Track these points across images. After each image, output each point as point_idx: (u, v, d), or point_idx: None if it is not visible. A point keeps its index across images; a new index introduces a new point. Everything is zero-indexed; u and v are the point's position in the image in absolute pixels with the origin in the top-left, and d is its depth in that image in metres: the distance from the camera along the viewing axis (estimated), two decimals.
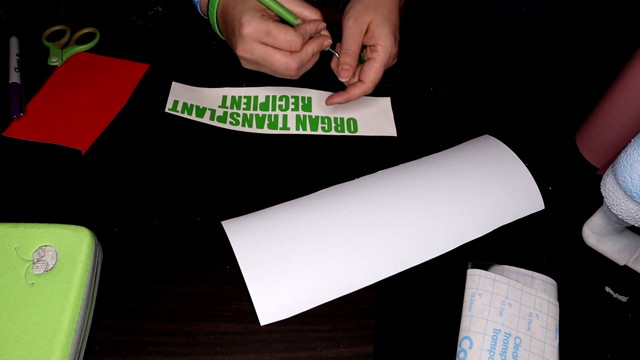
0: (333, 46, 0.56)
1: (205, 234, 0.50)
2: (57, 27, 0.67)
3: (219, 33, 0.58)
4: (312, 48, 0.54)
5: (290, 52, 0.52)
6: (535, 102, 0.65)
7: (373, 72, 0.55)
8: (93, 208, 0.51)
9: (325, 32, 0.56)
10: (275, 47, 0.52)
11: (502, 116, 0.63)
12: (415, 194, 0.52)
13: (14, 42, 0.64)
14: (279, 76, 0.55)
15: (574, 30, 0.80)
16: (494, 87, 0.66)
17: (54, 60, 0.63)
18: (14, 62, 0.62)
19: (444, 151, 0.58)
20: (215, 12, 0.55)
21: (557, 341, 0.44)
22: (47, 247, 0.43)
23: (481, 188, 0.53)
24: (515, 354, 0.42)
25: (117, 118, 0.59)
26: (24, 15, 0.72)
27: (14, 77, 0.60)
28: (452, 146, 0.58)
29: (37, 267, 0.42)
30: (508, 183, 0.54)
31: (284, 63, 0.52)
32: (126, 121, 0.59)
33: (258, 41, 0.51)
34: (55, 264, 0.42)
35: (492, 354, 0.42)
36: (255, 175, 0.55)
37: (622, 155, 0.43)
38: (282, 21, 0.53)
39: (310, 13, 0.55)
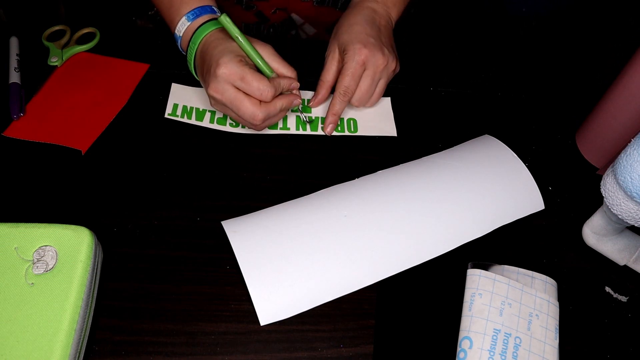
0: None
1: (205, 234, 0.50)
2: (57, 27, 0.67)
3: (192, 71, 0.58)
4: (282, 103, 0.54)
5: (260, 102, 0.52)
6: (535, 102, 0.65)
7: (341, 79, 0.57)
8: (93, 208, 0.51)
9: (296, 92, 0.57)
10: (246, 94, 0.52)
11: (502, 116, 0.63)
12: (415, 194, 0.52)
13: (14, 42, 0.64)
14: (242, 123, 0.55)
15: (574, 30, 0.80)
16: (494, 87, 0.66)
17: (54, 60, 0.63)
18: (14, 62, 0.62)
19: (444, 151, 0.58)
20: (195, 49, 0.55)
21: (557, 341, 0.44)
22: (47, 247, 0.43)
23: (481, 188, 0.53)
24: (515, 354, 0.42)
25: (117, 118, 0.59)
26: (24, 15, 0.72)
27: (14, 77, 0.60)
28: (452, 146, 0.58)
29: (37, 267, 0.42)
30: (508, 183, 0.54)
31: (251, 111, 0.52)
32: (126, 121, 0.59)
33: (231, 84, 0.51)
34: (55, 264, 0.42)
35: (492, 354, 0.42)
36: (255, 175, 0.55)
37: (622, 155, 0.43)
38: (259, 72, 0.54)
39: (287, 70, 0.56)
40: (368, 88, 0.58)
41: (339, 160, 0.57)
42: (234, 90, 0.52)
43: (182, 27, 0.56)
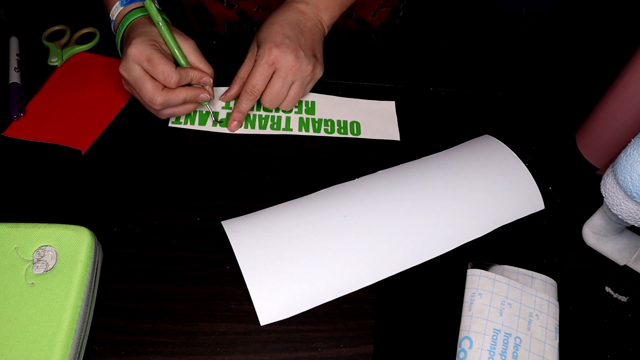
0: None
1: (205, 234, 0.50)
2: (57, 27, 0.67)
3: (120, 53, 0.58)
4: (186, 94, 0.54)
5: (163, 88, 0.52)
6: (535, 102, 0.65)
7: (249, 78, 0.56)
8: (93, 208, 0.51)
9: (209, 89, 0.56)
10: (151, 77, 0.52)
11: (502, 116, 0.63)
12: (415, 194, 0.52)
13: (14, 42, 0.64)
14: (144, 106, 0.55)
15: (573, 30, 0.80)
16: (494, 87, 0.66)
17: (54, 60, 0.63)
18: (14, 62, 0.62)
19: (444, 151, 0.58)
20: (122, 32, 0.56)
21: (557, 341, 0.44)
22: (47, 247, 0.43)
23: (481, 188, 0.53)
24: (515, 354, 0.42)
25: (118, 118, 0.59)
26: (24, 15, 0.72)
27: (14, 77, 0.60)
28: (452, 146, 0.58)
29: (37, 267, 0.42)
30: (508, 183, 0.54)
31: (150, 94, 0.52)
32: (126, 121, 0.59)
33: (138, 64, 0.52)
34: (55, 264, 0.42)
35: (492, 354, 0.42)
36: (255, 175, 0.55)
37: (622, 155, 0.43)
38: (174, 61, 0.54)
39: (203, 66, 0.56)
40: (278, 90, 0.56)
41: (339, 161, 0.57)
42: (140, 71, 0.52)
43: (116, 11, 0.57)
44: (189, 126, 0.59)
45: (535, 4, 0.88)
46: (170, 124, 0.59)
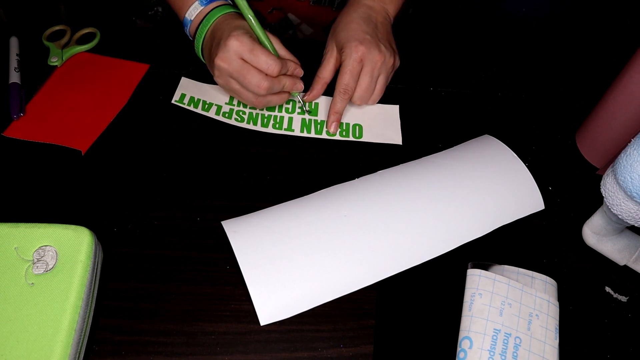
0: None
1: (205, 234, 0.50)
2: (57, 27, 0.67)
3: (199, 53, 0.59)
4: (287, 81, 0.56)
5: (266, 74, 0.54)
6: (535, 102, 0.65)
7: (340, 77, 0.57)
8: (93, 208, 0.51)
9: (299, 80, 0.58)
10: (251, 65, 0.53)
11: (502, 116, 0.63)
12: (415, 193, 0.52)
13: (14, 42, 0.64)
14: (244, 97, 0.56)
15: (573, 30, 0.80)
16: (494, 87, 0.66)
17: (54, 60, 0.63)
18: (14, 62, 0.62)
19: (444, 151, 0.58)
20: (206, 30, 0.57)
21: (557, 341, 0.44)
22: (47, 247, 0.43)
23: (481, 188, 0.53)
24: (515, 354, 0.42)
25: (118, 118, 0.59)
26: (24, 15, 0.72)
27: (14, 77, 0.60)
28: (452, 146, 0.58)
29: (37, 267, 0.42)
30: (508, 183, 0.54)
31: (257, 79, 0.54)
32: (126, 121, 0.59)
33: (239, 55, 0.53)
34: (55, 264, 0.42)
35: (492, 354, 0.42)
36: (255, 175, 0.55)
37: (622, 155, 0.43)
38: None
39: (292, 58, 0.58)
40: (368, 85, 0.58)
41: (339, 161, 0.57)
42: (241, 61, 0.53)
43: (195, 11, 0.58)
44: (192, 108, 0.60)
45: (535, 5, 0.88)
46: (173, 101, 0.60)
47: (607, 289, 0.49)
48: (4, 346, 0.39)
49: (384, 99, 0.63)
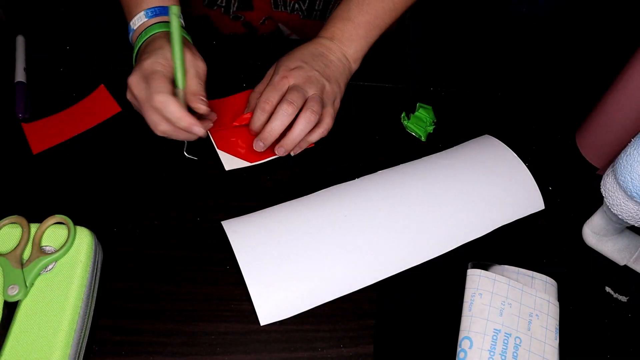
0: None
1: (205, 234, 0.50)
2: (5, 222, 0.45)
3: (134, 62, 0.55)
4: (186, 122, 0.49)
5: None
6: (535, 102, 0.65)
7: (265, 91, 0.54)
8: (93, 208, 0.51)
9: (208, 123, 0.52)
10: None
11: (502, 116, 0.63)
12: (416, 193, 0.52)
13: (20, 41, 0.63)
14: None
15: (574, 30, 0.80)
16: (494, 86, 0.66)
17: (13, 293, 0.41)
18: (21, 60, 0.61)
19: (444, 151, 0.58)
20: (141, 42, 0.54)
21: (557, 341, 0.44)
22: (47, 247, 0.43)
23: (481, 188, 0.53)
24: (515, 354, 0.42)
25: (117, 118, 0.58)
26: (24, 15, 0.72)
27: (20, 76, 0.59)
28: (452, 146, 0.58)
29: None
30: (508, 183, 0.54)
31: (153, 120, 0.48)
32: (126, 121, 0.58)
33: (145, 82, 0.48)
34: (55, 264, 0.42)
35: (492, 354, 0.42)
36: (255, 175, 0.55)
37: (622, 155, 0.43)
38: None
39: (201, 92, 0.51)
40: (296, 97, 0.53)
41: (339, 161, 0.57)
42: (146, 90, 0.48)
43: (139, 21, 0.55)
44: None
45: (535, 4, 0.88)
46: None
47: (607, 289, 0.49)
48: (4, 346, 0.39)
49: (383, 96, 0.63)
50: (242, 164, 0.55)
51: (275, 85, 0.54)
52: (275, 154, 0.55)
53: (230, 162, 0.55)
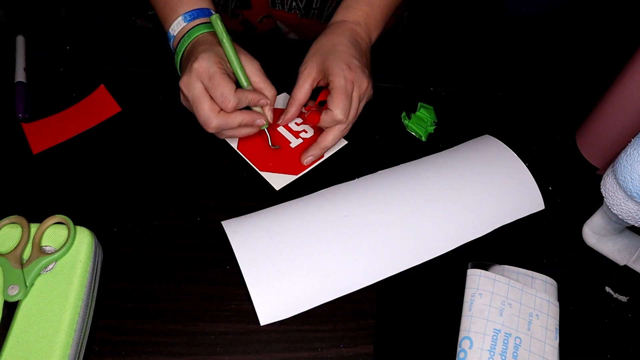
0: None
1: (205, 234, 0.50)
2: (5, 222, 0.44)
3: (178, 70, 0.56)
4: (241, 118, 0.51)
5: (220, 110, 0.51)
6: (535, 102, 0.65)
7: (336, 102, 0.52)
8: (93, 208, 0.51)
9: (267, 112, 0.54)
10: (210, 97, 0.50)
11: (502, 116, 0.63)
12: (416, 193, 0.52)
13: (20, 41, 0.63)
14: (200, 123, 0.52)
15: (574, 30, 0.80)
16: (494, 86, 0.66)
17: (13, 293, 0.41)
18: (21, 61, 0.61)
19: (444, 151, 0.58)
20: (184, 47, 0.54)
21: (557, 341, 0.44)
22: (47, 247, 0.43)
23: (481, 188, 0.53)
24: (515, 354, 0.42)
25: (117, 119, 0.58)
26: (24, 15, 0.72)
27: (20, 76, 0.59)
28: (452, 146, 0.58)
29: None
30: (508, 183, 0.54)
31: (205, 116, 0.50)
32: (126, 121, 0.59)
33: (200, 81, 0.50)
34: (55, 264, 0.42)
35: (492, 354, 0.42)
36: (255, 175, 0.55)
37: (622, 155, 0.43)
38: (237, 81, 0.53)
39: (266, 87, 0.53)
40: (356, 111, 0.55)
41: (339, 161, 0.57)
42: (201, 89, 0.50)
43: (177, 26, 0.55)
44: None
45: (535, 4, 0.88)
46: None
47: (607, 289, 0.49)
48: (4, 346, 0.39)
49: (382, 97, 0.63)
50: (289, 179, 0.54)
51: (349, 95, 0.53)
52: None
53: (278, 180, 0.54)
